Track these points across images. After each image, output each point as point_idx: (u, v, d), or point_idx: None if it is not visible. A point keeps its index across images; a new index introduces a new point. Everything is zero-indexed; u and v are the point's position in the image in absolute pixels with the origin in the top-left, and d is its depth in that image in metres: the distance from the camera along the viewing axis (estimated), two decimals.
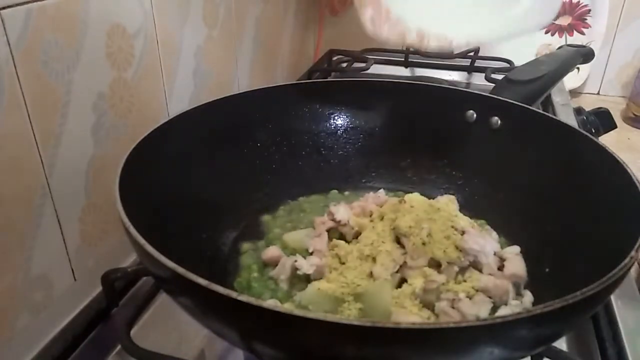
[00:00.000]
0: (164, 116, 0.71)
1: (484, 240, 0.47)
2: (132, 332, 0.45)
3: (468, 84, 1.12)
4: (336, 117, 0.65)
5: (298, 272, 0.47)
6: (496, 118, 0.59)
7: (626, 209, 0.42)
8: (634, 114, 1.15)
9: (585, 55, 0.86)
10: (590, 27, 1.19)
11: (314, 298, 0.44)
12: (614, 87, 1.27)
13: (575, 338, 0.49)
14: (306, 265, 0.47)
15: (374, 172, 0.65)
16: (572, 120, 0.87)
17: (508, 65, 1.05)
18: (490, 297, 0.44)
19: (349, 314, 0.43)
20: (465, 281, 0.45)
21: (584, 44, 1.08)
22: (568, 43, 1.05)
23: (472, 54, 1.12)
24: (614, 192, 0.45)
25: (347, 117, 0.65)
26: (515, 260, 0.48)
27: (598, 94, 1.29)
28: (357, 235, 0.51)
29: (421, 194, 0.52)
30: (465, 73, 1.13)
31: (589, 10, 1.19)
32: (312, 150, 0.64)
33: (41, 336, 0.46)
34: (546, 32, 1.22)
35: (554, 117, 0.57)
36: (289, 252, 0.51)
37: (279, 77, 1.13)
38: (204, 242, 0.51)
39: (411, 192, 0.53)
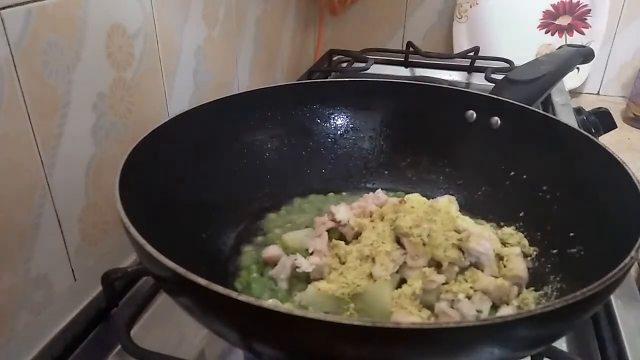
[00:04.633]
0: (164, 116, 0.71)
1: (485, 241, 0.47)
2: (132, 332, 0.45)
3: (468, 84, 1.12)
4: (336, 117, 0.65)
5: (297, 270, 0.47)
6: (496, 118, 0.59)
7: (626, 209, 0.42)
8: (634, 114, 1.15)
9: (585, 55, 0.86)
10: (590, 27, 1.19)
11: (314, 298, 0.44)
12: (614, 87, 1.27)
13: (575, 338, 0.49)
14: (306, 264, 0.47)
15: (374, 172, 0.65)
16: (572, 120, 0.87)
17: (508, 65, 1.05)
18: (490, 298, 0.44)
19: (349, 314, 0.43)
20: (466, 281, 0.45)
21: (584, 44, 1.08)
22: (568, 43, 1.06)
23: (472, 54, 1.12)
24: (614, 192, 0.45)
25: (347, 117, 0.65)
26: (515, 261, 0.48)
27: (598, 94, 1.29)
28: (357, 235, 0.51)
29: (421, 194, 0.52)
30: (465, 73, 1.13)
31: (589, 10, 1.19)
32: (312, 150, 0.64)
33: (41, 336, 0.46)
34: (546, 32, 1.22)
35: (554, 117, 0.57)
36: (289, 252, 0.51)
37: (279, 77, 1.13)
38: (204, 242, 0.51)
39: (411, 192, 0.53)
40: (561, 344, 0.48)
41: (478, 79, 1.09)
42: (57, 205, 0.55)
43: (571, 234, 0.47)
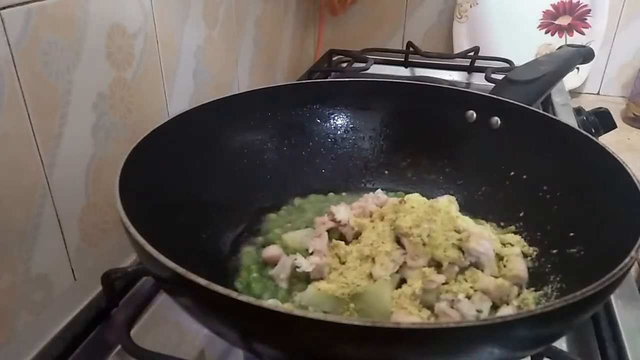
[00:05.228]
0: (164, 116, 0.71)
1: (485, 241, 0.47)
2: (132, 332, 0.45)
3: (468, 84, 1.12)
4: (336, 117, 0.65)
5: (297, 270, 0.47)
6: (496, 118, 0.59)
7: (626, 209, 0.42)
8: (634, 114, 1.15)
9: (585, 55, 0.86)
10: (590, 27, 1.19)
11: (314, 298, 0.44)
12: (614, 87, 1.27)
13: (575, 338, 0.49)
14: (306, 264, 0.47)
15: (374, 172, 0.65)
16: (572, 120, 0.87)
17: (508, 65, 1.05)
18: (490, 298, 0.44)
19: (349, 314, 0.43)
20: (466, 281, 0.45)
21: (584, 44, 1.08)
22: (568, 43, 1.06)
23: (472, 54, 1.12)
24: (614, 192, 0.45)
25: (347, 117, 0.65)
26: (515, 261, 0.48)
27: (598, 94, 1.29)
28: (357, 235, 0.51)
29: (421, 194, 0.52)
30: (465, 73, 1.13)
31: (589, 10, 1.19)
32: (312, 150, 0.64)
33: (41, 336, 0.46)
34: (546, 32, 1.22)
35: (554, 117, 0.57)
36: (289, 252, 0.51)
37: (279, 77, 1.13)
38: (203, 242, 0.51)
39: (411, 192, 0.53)
40: (561, 344, 0.48)
41: (478, 79, 1.09)
42: (57, 205, 0.55)
43: (571, 234, 0.47)
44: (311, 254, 0.49)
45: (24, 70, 0.49)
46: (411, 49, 1.15)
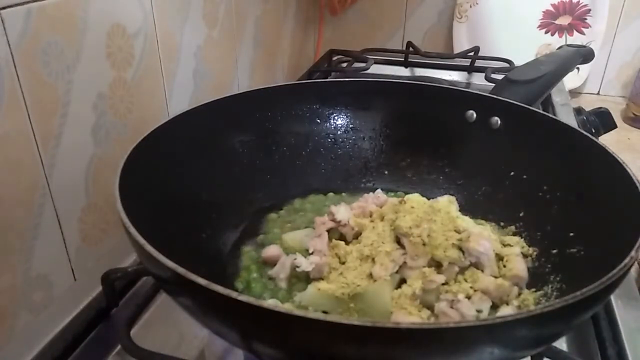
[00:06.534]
0: (164, 116, 0.71)
1: (485, 241, 0.47)
2: (132, 332, 0.45)
3: (468, 84, 1.12)
4: (336, 117, 0.65)
5: (297, 269, 0.47)
6: (496, 118, 0.59)
7: (626, 209, 0.42)
8: (634, 114, 1.15)
9: (585, 55, 0.86)
10: (590, 27, 1.19)
11: (314, 298, 0.44)
12: (614, 87, 1.27)
13: (575, 338, 0.49)
14: (305, 263, 0.47)
15: (374, 172, 0.65)
16: (572, 120, 0.87)
17: (508, 65, 1.05)
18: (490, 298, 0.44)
19: (349, 315, 0.43)
20: (466, 280, 0.45)
21: (584, 44, 1.08)
22: (568, 43, 1.06)
23: (472, 54, 1.12)
24: (614, 192, 0.45)
25: (347, 117, 0.65)
26: (515, 261, 0.48)
27: (598, 94, 1.29)
28: (357, 235, 0.51)
29: (421, 194, 0.52)
30: (465, 73, 1.13)
31: (589, 10, 1.19)
32: (312, 150, 0.64)
33: (41, 336, 0.46)
34: (546, 32, 1.22)
35: (554, 117, 0.57)
36: (289, 252, 0.51)
37: (279, 77, 1.13)
38: (204, 242, 0.51)
39: (411, 192, 0.53)
40: (561, 344, 0.48)
41: (478, 79, 1.09)
42: (57, 205, 0.55)
43: (571, 234, 0.47)
44: (311, 254, 0.49)
45: (24, 70, 0.49)
46: (411, 49, 1.15)
